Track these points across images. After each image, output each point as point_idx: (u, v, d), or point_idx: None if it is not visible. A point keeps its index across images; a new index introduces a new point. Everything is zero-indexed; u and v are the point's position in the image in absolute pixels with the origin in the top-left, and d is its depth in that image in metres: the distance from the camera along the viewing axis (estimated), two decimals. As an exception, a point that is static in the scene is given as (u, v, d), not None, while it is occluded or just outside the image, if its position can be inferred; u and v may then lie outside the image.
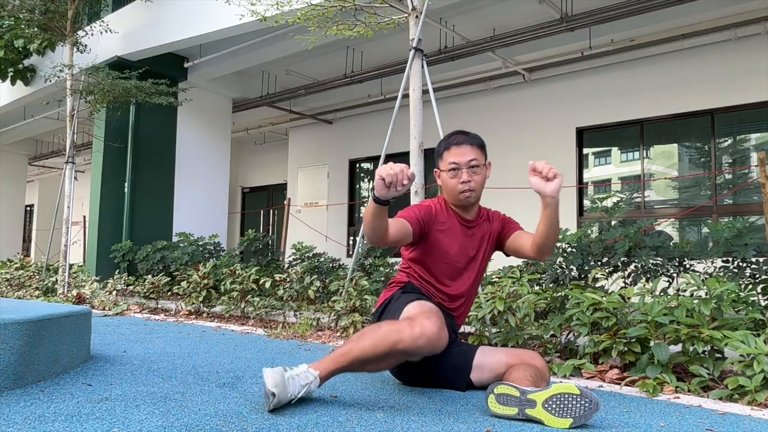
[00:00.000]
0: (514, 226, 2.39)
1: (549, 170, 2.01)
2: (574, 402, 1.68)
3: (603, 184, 8.26)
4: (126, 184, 8.55)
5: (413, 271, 2.30)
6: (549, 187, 2.02)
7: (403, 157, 2.86)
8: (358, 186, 11.10)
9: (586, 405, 1.68)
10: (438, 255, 2.24)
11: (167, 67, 8.68)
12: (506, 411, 1.77)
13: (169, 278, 6.33)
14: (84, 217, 10.83)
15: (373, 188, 1.86)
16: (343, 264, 6.12)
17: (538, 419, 1.73)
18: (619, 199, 4.19)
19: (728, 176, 7.32)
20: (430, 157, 2.80)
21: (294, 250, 6.10)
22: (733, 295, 2.55)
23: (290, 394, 1.79)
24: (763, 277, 3.19)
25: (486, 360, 2.14)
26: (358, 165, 11.03)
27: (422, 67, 3.93)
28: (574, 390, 1.69)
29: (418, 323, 1.84)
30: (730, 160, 7.29)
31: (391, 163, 1.82)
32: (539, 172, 2.02)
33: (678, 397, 2.20)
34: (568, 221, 7.71)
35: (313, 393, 1.90)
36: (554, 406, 1.69)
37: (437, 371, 2.18)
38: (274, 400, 1.75)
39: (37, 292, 6.82)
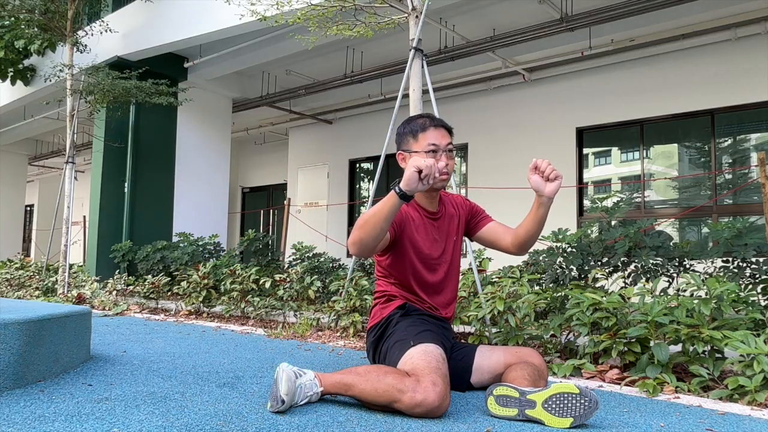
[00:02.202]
0: (485, 216, 2.36)
1: (551, 171, 2.00)
2: (574, 401, 1.68)
3: (603, 184, 8.26)
4: (126, 184, 8.56)
5: (393, 278, 2.22)
6: (548, 188, 2.01)
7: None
8: (358, 186, 11.10)
9: (586, 404, 1.68)
10: (413, 255, 2.16)
11: (167, 67, 8.69)
12: (506, 412, 1.77)
13: (169, 278, 6.33)
14: (84, 217, 10.84)
15: (397, 183, 1.81)
16: (343, 264, 6.12)
17: (538, 419, 1.73)
18: (619, 199, 4.19)
19: (728, 176, 7.32)
20: (430, 157, 2.79)
21: (294, 250, 6.10)
22: (733, 295, 2.55)
23: (295, 401, 1.83)
24: (763, 277, 3.19)
25: (485, 362, 2.14)
26: (358, 165, 11.03)
27: (422, 67, 3.93)
28: (574, 389, 1.68)
29: (422, 388, 1.74)
30: (730, 160, 7.29)
31: (417, 158, 1.83)
32: (541, 171, 2.01)
33: (678, 397, 2.20)
34: (568, 221, 7.72)
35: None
36: (554, 406, 1.69)
37: None
38: (281, 407, 1.77)
39: (37, 292, 6.82)
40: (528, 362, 2.04)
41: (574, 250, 3.85)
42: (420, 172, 1.75)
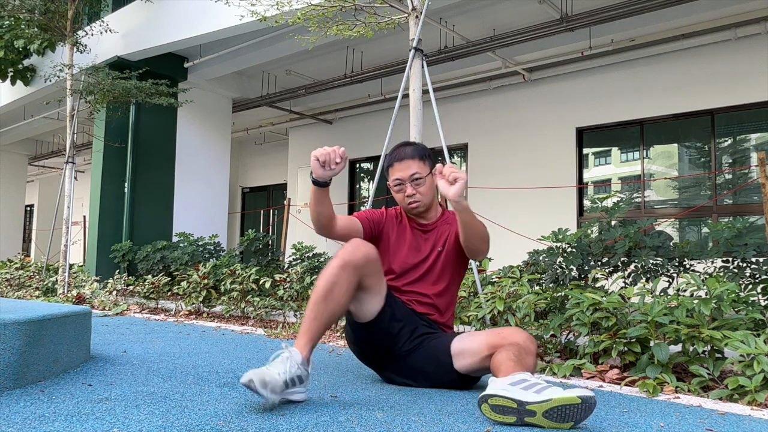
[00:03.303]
0: None
1: (450, 173, 2.04)
2: (576, 409, 1.66)
3: (603, 184, 8.26)
4: (126, 184, 8.55)
5: None
6: (451, 191, 2.04)
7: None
8: (358, 186, 11.10)
9: (587, 408, 1.66)
10: (388, 257, 2.34)
11: (167, 67, 8.69)
12: (504, 419, 1.75)
13: (169, 278, 6.33)
14: (84, 217, 10.83)
15: (311, 172, 2.06)
16: (343, 264, 6.11)
17: (537, 425, 1.71)
18: (619, 199, 4.19)
19: (728, 176, 7.32)
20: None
21: (294, 250, 6.10)
22: (733, 295, 2.55)
23: (276, 375, 1.75)
24: (763, 277, 3.19)
25: (465, 345, 2.12)
26: (358, 165, 11.03)
27: (422, 67, 3.93)
28: (576, 401, 1.66)
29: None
30: (730, 160, 7.29)
31: (319, 148, 2.04)
32: (444, 176, 2.06)
33: (678, 397, 2.20)
34: (568, 221, 7.72)
35: (311, 383, 1.94)
36: (555, 415, 1.67)
37: (416, 366, 2.19)
38: (255, 385, 1.70)
39: (37, 292, 6.82)
40: (512, 342, 1.99)
41: (574, 250, 3.85)
42: (318, 159, 2.02)
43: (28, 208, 17.96)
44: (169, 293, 6.19)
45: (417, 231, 2.37)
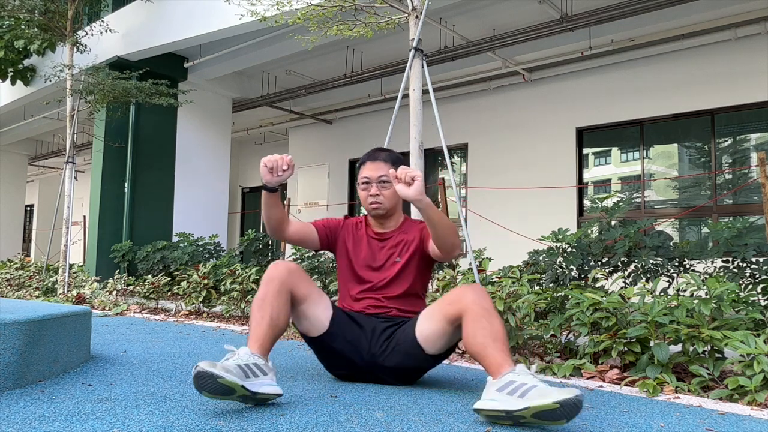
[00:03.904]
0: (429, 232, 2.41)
1: (405, 175, 2.03)
2: (557, 413, 1.64)
3: (603, 184, 8.27)
4: (126, 184, 8.56)
5: (339, 281, 2.49)
6: (410, 192, 2.03)
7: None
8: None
9: (568, 411, 1.63)
10: (345, 263, 2.41)
11: (167, 67, 8.69)
12: (501, 422, 1.74)
13: (169, 278, 6.33)
14: (84, 217, 10.83)
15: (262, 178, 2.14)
16: (343, 264, 6.11)
17: (534, 424, 1.70)
18: (619, 199, 4.19)
19: (728, 176, 7.32)
20: (431, 157, 2.82)
21: (294, 250, 6.09)
22: (733, 295, 2.55)
23: (226, 361, 1.80)
24: (763, 277, 3.19)
25: (427, 330, 2.10)
26: (358, 165, 11.04)
27: (422, 67, 3.92)
28: (553, 407, 1.61)
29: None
30: (730, 160, 7.29)
31: (275, 154, 2.11)
32: (400, 179, 2.05)
33: (678, 397, 2.20)
34: (568, 221, 7.72)
35: (311, 383, 1.90)
36: (542, 416, 1.66)
37: (393, 368, 2.19)
38: (204, 367, 1.68)
39: (37, 292, 6.82)
40: (471, 312, 1.94)
41: (574, 250, 3.85)
42: (266, 165, 2.07)
43: (28, 208, 17.97)
44: (169, 293, 6.19)
45: (373, 240, 2.40)
